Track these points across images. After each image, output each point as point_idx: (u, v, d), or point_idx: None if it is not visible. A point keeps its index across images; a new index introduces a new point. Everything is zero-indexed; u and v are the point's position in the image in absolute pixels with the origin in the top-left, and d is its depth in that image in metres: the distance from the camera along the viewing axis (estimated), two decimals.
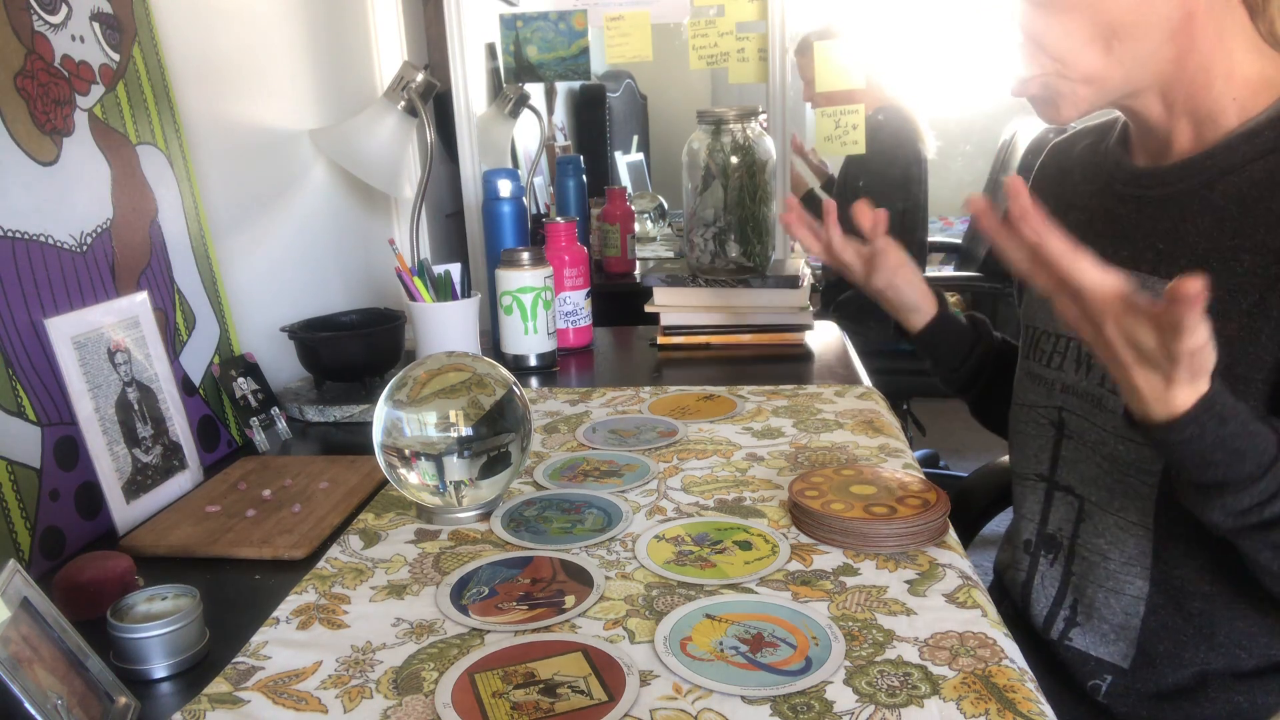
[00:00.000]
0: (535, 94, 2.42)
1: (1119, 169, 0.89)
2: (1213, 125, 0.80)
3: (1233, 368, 0.75)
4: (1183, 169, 0.82)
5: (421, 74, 1.52)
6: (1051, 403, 0.93)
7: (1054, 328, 0.93)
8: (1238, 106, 0.79)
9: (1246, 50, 0.78)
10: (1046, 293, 0.70)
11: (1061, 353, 0.92)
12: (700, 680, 0.66)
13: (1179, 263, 0.80)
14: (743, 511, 0.92)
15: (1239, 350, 0.75)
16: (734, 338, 1.57)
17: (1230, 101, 0.79)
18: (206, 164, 1.27)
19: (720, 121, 1.55)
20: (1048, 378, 0.93)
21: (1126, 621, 0.86)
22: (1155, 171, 0.85)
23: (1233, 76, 0.78)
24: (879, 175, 2.73)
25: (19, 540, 0.85)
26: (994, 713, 0.61)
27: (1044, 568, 0.93)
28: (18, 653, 0.58)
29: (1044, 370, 0.94)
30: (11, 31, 0.93)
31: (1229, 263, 0.76)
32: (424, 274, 1.32)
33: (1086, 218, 0.92)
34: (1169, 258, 0.81)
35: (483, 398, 0.91)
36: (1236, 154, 0.78)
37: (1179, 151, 0.83)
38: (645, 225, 2.96)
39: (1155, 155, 0.86)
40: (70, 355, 0.91)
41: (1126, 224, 0.86)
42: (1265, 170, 0.76)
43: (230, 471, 1.08)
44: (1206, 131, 0.81)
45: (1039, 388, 0.95)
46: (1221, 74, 0.78)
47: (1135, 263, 0.84)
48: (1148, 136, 0.86)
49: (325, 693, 0.66)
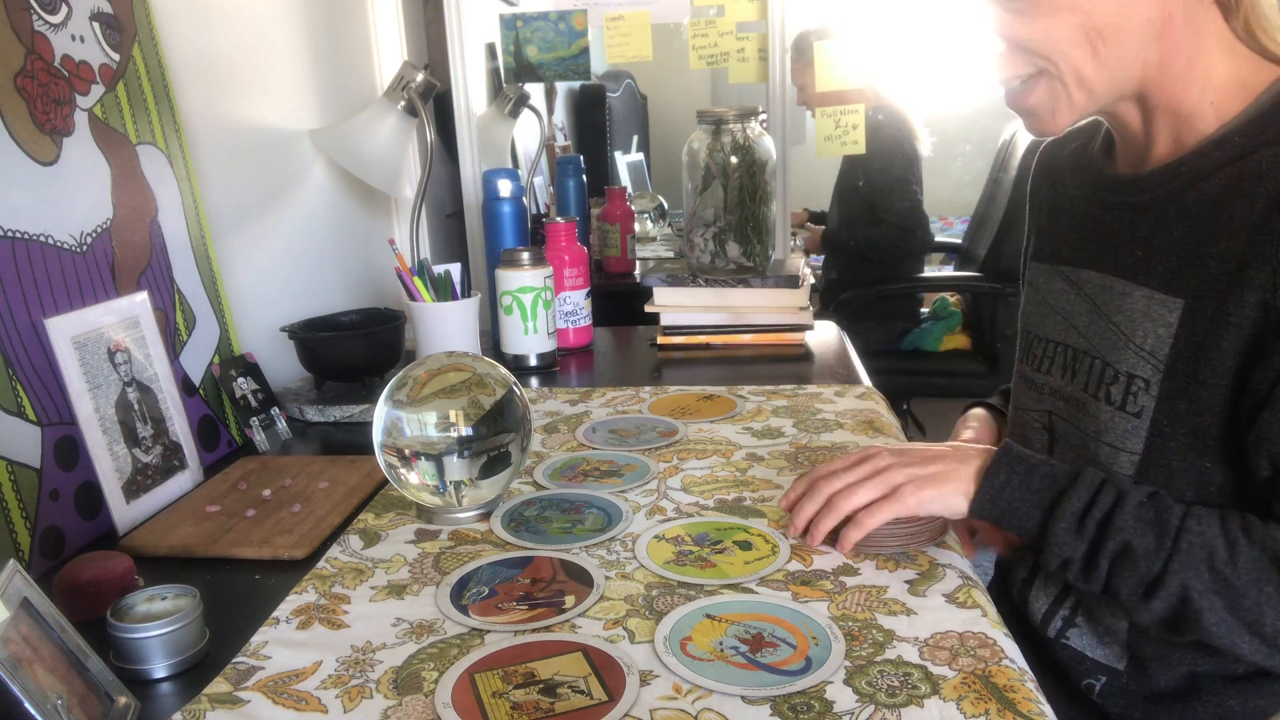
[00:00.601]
0: (535, 94, 2.42)
1: (1102, 175, 0.90)
2: (1191, 130, 0.80)
3: (1198, 373, 0.76)
4: (1159, 176, 0.82)
5: (421, 74, 1.52)
6: (1042, 407, 0.94)
7: (1045, 333, 0.94)
8: (1214, 110, 0.79)
9: (1221, 51, 0.78)
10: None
11: (1050, 357, 0.93)
12: (700, 680, 0.66)
13: (1156, 270, 0.80)
14: (743, 511, 0.92)
15: (1202, 356, 0.75)
16: (734, 338, 1.57)
17: (1208, 105, 0.79)
18: (206, 164, 1.27)
19: (720, 121, 1.55)
20: (1038, 382, 0.94)
21: (1114, 624, 0.86)
22: (1134, 179, 0.85)
23: (1210, 79, 0.78)
24: (879, 175, 2.74)
25: (19, 540, 0.85)
26: (994, 713, 0.61)
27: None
28: (18, 653, 0.58)
29: (1035, 374, 0.95)
30: (11, 31, 0.93)
31: (1199, 270, 0.76)
32: (424, 274, 1.32)
33: (1076, 222, 0.92)
34: (1146, 265, 0.81)
35: (483, 398, 0.91)
36: (1208, 160, 0.78)
37: (1157, 157, 0.83)
38: (645, 225, 2.96)
39: (1136, 161, 0.86)
40: (70, 355, 0.91)
41: (1110, 230, 0.87)
42: (1230, 177, 0.76)
43: (230, 471, 1.08)
44: (1185, 136, 0.81)
45: (1031, 392, 0.96)
46: (1200, 77, 0.78)
47: (1117, 269, 0.85)
48: (1128, 143, 0.87)
49: (325, 693, 0.66)
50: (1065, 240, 0.94)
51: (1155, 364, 0.79)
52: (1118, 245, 0.86)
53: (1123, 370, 0.82)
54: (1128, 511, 0.73)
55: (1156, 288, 0.80)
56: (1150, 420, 0.79)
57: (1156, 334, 0.79)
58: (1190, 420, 0.77)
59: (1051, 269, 0.95)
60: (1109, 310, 0.85)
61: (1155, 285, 0.80)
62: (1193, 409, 0.77)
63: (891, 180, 2.71)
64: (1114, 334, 0.83)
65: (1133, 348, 0.81)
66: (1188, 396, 0.77)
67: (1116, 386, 0.82)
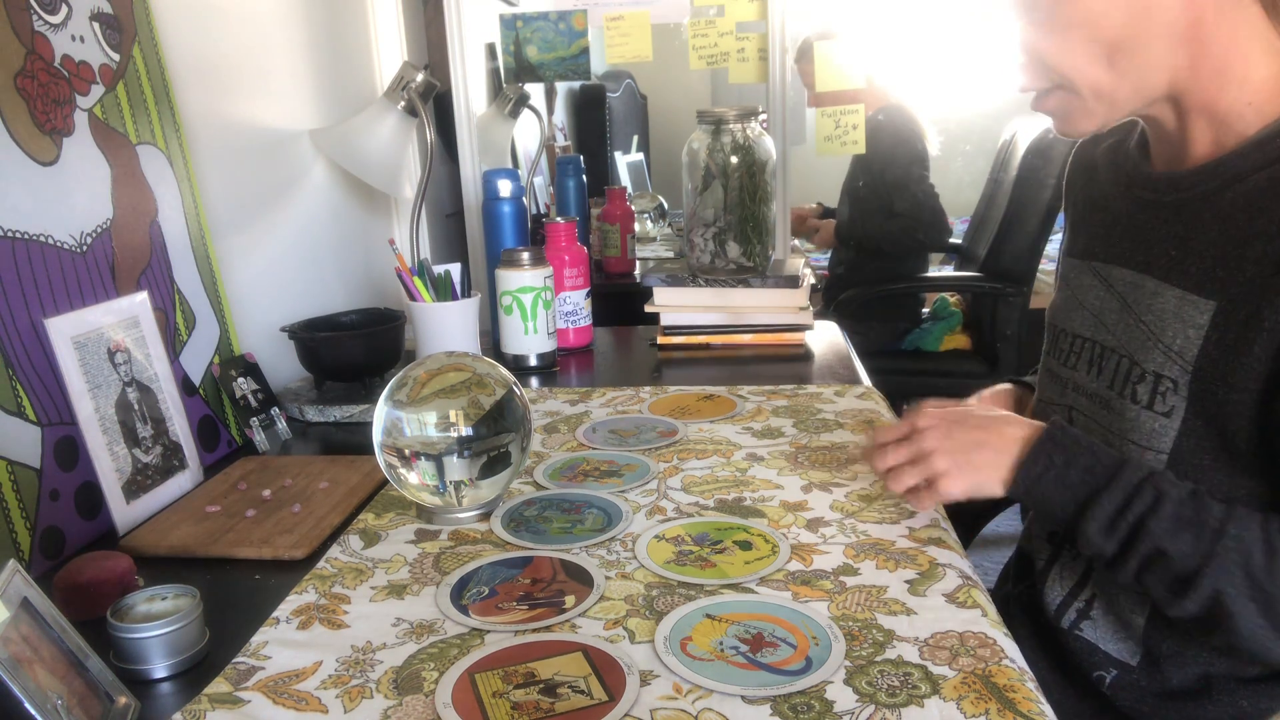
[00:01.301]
0: (535, 94, 2.42)
1: (1138, 173, 0.89)
2: (1229, 131, 0.79)
3: (1227, 377, 0.75)
4: (1196, 175, 0.81)
5: (421, 74, 1.52)
6: (1064, 401, 0.94)
7: (1073, 328, 0.94)
8: (1254, 110, 0.78)
9: (1264, 52, 0.76)
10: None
11: (1077, 353, 0.93)
12: (700, 680, 0.66)
13: (1189, 270, 0.80)
14: (743, 511, 0.92)
15: (1233, 360, 0.75)
16: (734, 338, 1.57)
17: (1246, 106, 0.78)
18: (206, 164, 1.27)
19: (720, 121, 1.55)
20: (1062, 376, 0.94)
21: (1132, 620, 0.86)
22: (1170, 177, 0.84)
23: (1249, 80, 0.77)
24: (879, 175, 2.74)
25: (19, 540, 0.85)
26: (994, 713, 0.61)
27: (1066, 559, 0.93)
28: (18, 653, 0.58)
29: (1060, 369, 0.95)
30: (11, 31, 0.93)
31: (1234, 273, 0.76)
32: (424, 274, 1.32)
33: (1110, 219, 0.92)
34: (1180, 265, 0.81)
35: (483, 398, 0.91)
36: (1247, 161, 0.77)
37: (1195, 157, 0.82)
38: (645, 225, 2.96)
39: (1172, 160, 0.86)
40: (70, 355, 0.91)
41: (1144, 228, 0.87)
42: (1269, 178, 0.75)
43: (230, 471, 1.08)
44: (1223, 137, 0.80)
45: (1054, 385, 0.96)
46: (1237, 78, 0.77)
47: (1149, 267, 0.84)
48: (1164, 142, 0.86)
49: (325, 693, 0.66)
50: (1098, 236, 0.93)
51: (1183, 365, 0.78)
52: (1151, 244, 0.85)
53: (1149, 369, 0.81)
54: (1164, 514, 0.73)
55: (1189, 288, 0.79)
56: (1181, 420, 0.79)
57: (1186, 335, 0.78)
58: (1219, 423, 0.76)
59: (1084, 264, 0.95)
60: (1139, 309, 0.84)
61: (1188, 286, 0.79)
62: (1222, 412, 0.76)
63: (904, 175, 2.70)
64: (1143, 333, 0.83)
65: (1161, 347, 0.80)
66: (1217, 400, 0.76)
67: (1143, 385, 0.82)
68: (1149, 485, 0.75)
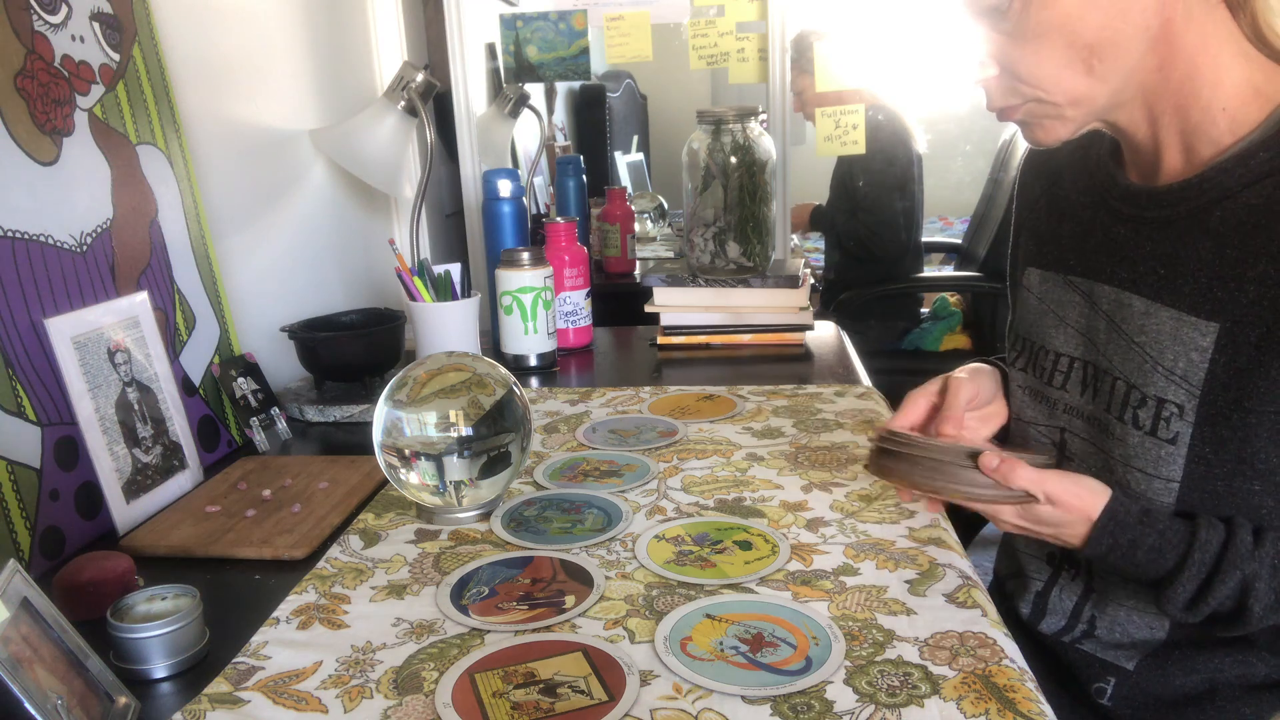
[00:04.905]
0: (535, 94, 2.42)
1: (1113, 184, 0.85)
2: (1203, 139, 0.77)
3: (1243, 400, 0.73)
4: (1178, 192, 0.78)
5: (421, 74, 1.52)
6: (1054, 423, 0.90)
7: (1057, 346, 0.90)
8: (1228, 117, 0.75)
9: (1234, 56, 0.74)
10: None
11: (1064, 372, 0.89)
12: (700, 680, 0.66)
13: (1182, 290, 0.77)
14: (743, 511, 0.92)
15: (1248, 384, 0.72)
16: (734, 338, 1.57)
17: (1220, 112, 0.75)
18: (206, 164, 1.27)
19: (720, 121, 1.55)
20: (1050, 396, 0.90)
21: (1151, 636, 0.84)
22: (1151, 193, 0.81)
23: (1220, 84, 0.75)
24: (879, 175, 2.73)
25: (19, 540, 0.85)
26: (994, 713, 0.61)
27: (1065, 580, 0.91)
28: (18, 653, 0.58)
29: (1045, 389, 0.91)
30: (11, 31, 0.93)
31: (1234, 293, 0.73)
32: (424, 274, 1.33)
33: (1081, 230, 0.89)
34: (1171, 284, 0.78)
35: (483, 398, 0.91)
36: (1231, 178, 0.75)
37: (1170, 167, 0.80)
38: (645, 225, 2.96)
39: (1147, 171, 0.83)
40: (70, 355, 0.91)
41: (1126, 245, 0.83)
42: (1261, 196, 0.73)
43: (230, 471, 1.08)
44: (1198, 145, 0.77)
45: (1040, 405, 0.92)
46: (1208, 82, 0.75)
47: (1136, 285, 0.81)
48: (1136, 151, 0.83)
49: (325, 693, 0.66)
50: (1070, 249, 0.90)
51: (1189, 389, 0.75)
52: (1135, 261, 0.82)
53: (1151, 394, 0.78)
54: (1251, 595, 0.72)
55: (1185, 309, 0.76)
56: (1188, 447, 0.76)
57: (1189, 358, 0.75)
58: (1235, 447, 0.74)
59: (1059, 278, 0.91)
60: (1130, 330, 0.81)
61: (1183, 307, 0.76)
62: (1237, 435, 0.73)
63: (891, 181, 2.70)
64: (1138, 355, 0.80)
65: (1161, 371, 0.77)
66: (1230, 424, 0.74)
67: (1145, 410, 0.79)
68: (1231, 570, 0.72)
